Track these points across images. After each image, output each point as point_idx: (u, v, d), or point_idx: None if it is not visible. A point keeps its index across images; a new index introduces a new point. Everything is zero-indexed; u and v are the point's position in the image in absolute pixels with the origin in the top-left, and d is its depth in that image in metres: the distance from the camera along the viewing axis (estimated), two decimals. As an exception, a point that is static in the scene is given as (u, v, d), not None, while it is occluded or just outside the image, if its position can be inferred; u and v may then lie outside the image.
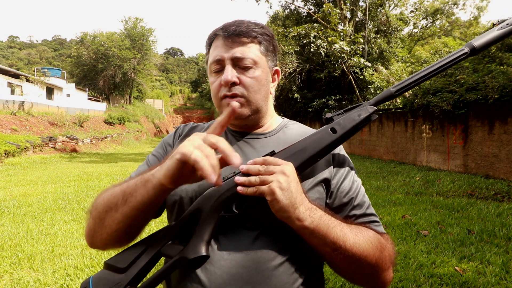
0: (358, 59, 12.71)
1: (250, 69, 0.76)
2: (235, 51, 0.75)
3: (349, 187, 0.78)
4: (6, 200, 5.37)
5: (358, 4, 16.01)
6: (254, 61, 0.76)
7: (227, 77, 0.74)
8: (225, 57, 0.75)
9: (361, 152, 12.29)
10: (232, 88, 0.75)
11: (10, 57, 73.36)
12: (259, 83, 0.77)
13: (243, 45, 0.76)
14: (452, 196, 5.29)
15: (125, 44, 32.42)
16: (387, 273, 0.70)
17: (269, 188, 0.61)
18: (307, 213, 0.63)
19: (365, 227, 0.72)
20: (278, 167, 0.64)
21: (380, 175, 7.40)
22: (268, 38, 0.80)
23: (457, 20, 26.37)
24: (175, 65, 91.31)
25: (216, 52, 0.77)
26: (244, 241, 0.69)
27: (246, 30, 0.76)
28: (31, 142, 12.37)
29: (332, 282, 2.48)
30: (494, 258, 2.85)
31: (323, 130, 0.71)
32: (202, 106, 53.18)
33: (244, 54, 0.75)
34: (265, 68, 0.79)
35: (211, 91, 0.81)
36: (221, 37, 0.77)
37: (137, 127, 27.04)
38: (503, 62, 7.22)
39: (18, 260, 3.01)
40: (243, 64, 0.75)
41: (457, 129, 7.49)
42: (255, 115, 0.80)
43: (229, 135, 0.85)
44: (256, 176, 0.63)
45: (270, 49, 0.81)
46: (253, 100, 0.77)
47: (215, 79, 0.78)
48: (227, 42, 0.76)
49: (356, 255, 0.66)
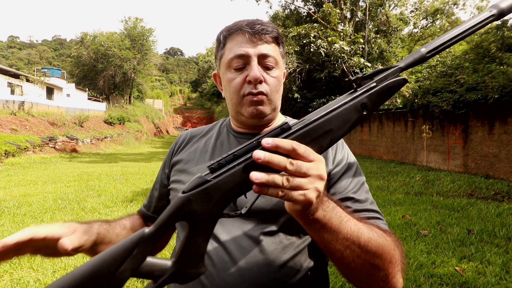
0: (358, 59, 12.70)
1: (272, 68, 0.76)
2: (261, 48, 0.74)
3: (349, 181, 0.74)
4: (6, 200, 5.37)
5: (358, 4, 16.00)
6: (276, 61, 0.77)
7: (257, 74, 0.72)
8: (251, 54, 0.74)
9: (361, 152, 12.29)
10: (258, 86, 0.74)
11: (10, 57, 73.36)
12: (279, 83, 0.79)
13: (268, 43, 0.76)
14: (452, 196, 5.29)
15: (125, 44, 32.41)
16: (398, 275, 0.62)
17: (304, 197, 0.47)
18: (320, 205, 0.53)
19: (374, 225, 0.64)
20: (314, 168, 0.48)
21: (380, 175, 7.40)
22: (283, 41, 0.81)
23: (457, 20, 26.36)
24: (175, 65, 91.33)
25: (239, 47, 0.74)
26: (247, 241, 0.68)
27: (271, 30, 0.76)
28: (31, 142, 12.37)
29: (332, 282, 2.48)
30: (494, 258, 2.85)
31: (352, 104, 0.55)
32: (202, 106, 53.17)
33: (269, 52, 0.75)
34: (282, 69, 0.81)
35: (230, 88, 0.77)
36: (247, 33, 0.74)
37: (137, 127, 27.03)
38: (503, 62, 7.22)
39: (18, 260, 3.00)
40: (267, 63, 0.75)
41: (457, 129, 7.49)
42: (272, 114, 0.80)
43: (230, 136, 0.85)
44: (284, 177, 0.47)
45: (284, 52, 0.83)
46: (274, 99, 0.78)
47: (236, 75, 0.75)
48: (254, 38, 0.74)
49: (371, 253, 0.57)
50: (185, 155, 0.86)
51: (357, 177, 0.76)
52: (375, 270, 0.59)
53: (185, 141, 0.90)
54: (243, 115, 0.78)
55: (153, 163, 11.74)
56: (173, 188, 0.82)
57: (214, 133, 0.89)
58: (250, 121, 0.79)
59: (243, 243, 0.68)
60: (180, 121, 50.47)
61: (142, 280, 2.63)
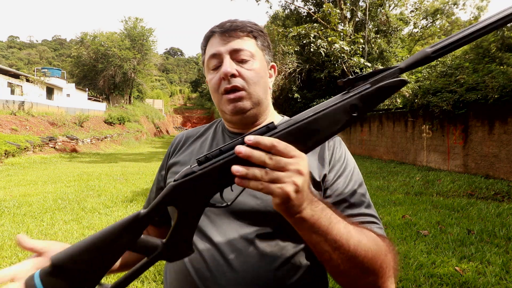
0: (358, 59, 12.70)
1: (248, 61, 0.76)
2: (232, 44, 0.75)
3: (345, 184, 0.73)
4: (6, 200, 5.37)
5: (358, 4, 16.00)
6: (252, 53, 0.77)
7: (226, 69, 0.73)
8: (222, 51, 0.75)
9: (361, 152, 12.29)
10: (232, 80, 0.74)
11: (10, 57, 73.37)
12: (258, 75, 0.77)
13: (240, 38, 0.76)
14: (452, 196, 5.29)
15: (125, 44, 32.42)
16: (390, 281, 0.62)
17: (281, 190, 0.49)
18: (308, 205, 0.54)
19: (366, 229, 0.64)
20: (293, 163, 0.50)
21: (380, 175, 7.40)
22: (262, 34, 0.81)
23: (457, 20, 26.37)
24: (175, 65, 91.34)
25: (213, 48, 0.77)
26: (242, 243, 0.68)
27: (241, 26, 0.77)
28: (31, 142, 12.37)
29: (332, 282, 2.48)
30: (494, 258, 2.85)
31: (340, 105, 0.55)
32: (202, 106, 53.18)
33: (241, 46, 0.76)
34: (262, 61, 0.80)
35: (210, 88, 0.80)
36: (217, 34, 0.77)
37: (137, 127, 27.03)
38: (503, 62, 7.23)
39: (18, 260, 3.00)
40: (240, 56, 0.76)
41: (457, 129, 7.49)
42: (256, 108, 0.79)
43: (226, 137, 0.84)
44: (262, 171, 0.49)
45: (266, 44, 0.82)
46: (254, 92, 0.76)
47: (214, 75, 0.78)
48: (224, 37, 0.76)
49: (360, 257, 0.57)
50: (181, 157, 0.86)
51: (354, 179, 0.75)
52: (364, 274, 0.59)
53: (181, 143, 0.90)
54: (226, 113, 0.79)
55: (153, 163, 11.75)
56: None
57: (210, 134, 0.89)
58: (234, 118, 0.79)
59: (238, 245, 0.68)
60: (180, 121, 50.47)
61: (142, 280, 2.63)
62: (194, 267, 0.69)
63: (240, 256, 0.67)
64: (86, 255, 0.53)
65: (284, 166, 0.49)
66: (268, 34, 0.86)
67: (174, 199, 0.55)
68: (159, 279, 2.65)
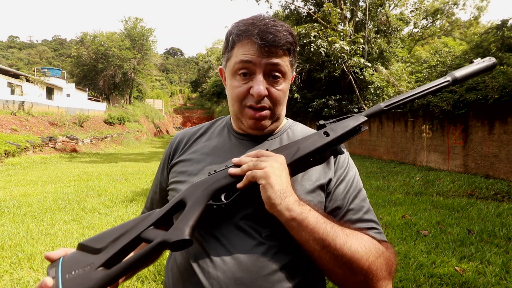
0: (358, 59, 12.70)
1: (279, 80, 0.75)
2: (269, 61, 0.72)
3: (346, 189, 0.75)
4: (6, 200, 5.37)
5: (358, 4, 15.99)
6: (284, 73, 0.75)
7: (260, 91, 0.71)
8: (258, 63, 0.72)
9: (361, 152, 12.29)
10: (262, 101, 0.74)
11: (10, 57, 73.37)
12: (285, 95, 0.78)
13: (278, 57, 0.73)
14: (452, 196, 5.29)
15: (125, 44, 32.41)
16: (383, 283, 0.64)
17: (262, 171, 0.63)
18: (296, 204, 0.63)
19: (360, 232, 0.68)
20: (271, 157, 0.67)
21: (380, 175, 7.40)
22: (296, 47, 0.77)
23: (457, 20, 26.35)
24: (175, 65, 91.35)
25: (247, 55, 0.72)
26: (246, 245, 0.68)
27: (282, 42, 0.72)
28: (31, 142, 12.37)
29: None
30: (494, 258, 2.85)
31: (317, 134, 0.76)
32: (202, 106, 53.16)
33: (277, 65, 0.73)
34: (289, 79, 0.79)
35: (232, 94, 0.76)
36: (256, 44, 0.71)
37: (137, 127, 27.03)
38: (503, 62, 7.21)
39: (18, 260, 3.01)
40: (273, 73, 0.74)
41: (457, 129, 7.49)
42: (273, 124, 0.80)
43: (232, 138, 0.83)
44: (250, 162, 0.66)
45: (295, 59, 0.80)
46: (277, 112, 0.78)
47: (240, 84, 0.74)
48: (263, 50, 0.71)
49: (346, 256, 0.61)
50: (184, 155, 0.85)
51: (354, 185, 0.77)
52: (352, 274, 0.63)
53: (183, 142, 0.88)
54: (243, 124, 0.79)
55: (153, 163, 11.75)
56: (172, 188, 0.81)
57: (214, 133, 0.87)
58: (251, 131, 0.80)
59: (244, 247, 0.68)
60: (180, 121, 50.46)
61: (142, 280, 2.63)
62: (200, 266, 0.69)
63: (245, 257, 0.67)
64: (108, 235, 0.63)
65: (265, 159, 0.67)
66: None
67: (182, 204, 0.67)
68: (159, 279, 2.65)
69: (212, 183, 0.68)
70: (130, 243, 0.62)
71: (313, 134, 0.76)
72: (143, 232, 0.63)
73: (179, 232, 0.60)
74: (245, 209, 0.71)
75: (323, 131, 0.75)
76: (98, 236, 0.63)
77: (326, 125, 0.77)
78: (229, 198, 0.68)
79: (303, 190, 0.72)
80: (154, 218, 0.65)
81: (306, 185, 0.73)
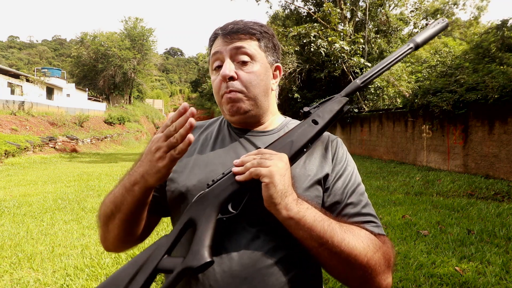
0: (358, 59, 12.70)
1: (247, 63, 0.76)
2: (232, 46, 0.76)
3: (345, 184, 0.76)
4: (6, 200, 5.37)
5: (358, 4, 15.99)
6: (252, 56, 0.77)
7: (225, 71, 0.74)
8: (223, 52, 0.76)
9: (361, 152, 12.29)
10: (230, 83, 0.75)
11: (10, 57, 73.35)
12: (258, 78, 0.77)
13: (241, 40, 0.77)
14: (452, 196, 5.29)
15: (125, 44, 32.42)
16: (382, 277, 0.66)
17: (268, 170, 0.62)
18: (294, 203, 0.63)
19: (358, 227, 0.69)
20: (275, 155, 0.66)
21: (380, 175, 7.40)
22: (267, 35, 0.80)
23: (457, 20, 26.36)
24: (175, 65, 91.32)
25: (216, 47, 0.79)
26: (242, 239, 0.68)
27: (243, 28, 0.77)
28: (31, 142, 12.37)
29: (332, 282, 2.48)
30: (494, 258, 2.85)
31: (305, 123, 0.75)
32: (202, 106, 53.13)
33: (242, 48, 0.76)
34: (264, 63, 0.79)
35: (213, 89, 0.81)
36: (220, 36, 0.78)
37: (137, 127, 27.03)
38: (503, 62, 7.22)
39: (18, 260, 3.01)
40: (240, 58, 0.76)
41: (457, 129, 7.49)
42: (255, 110, 0.79)
43: (231, 132, 0.84)
44: (254, 160, 0.65)
45: (270, 45, 0.81)
46: (252, 95, 0.77)
47: (216, 76, 0.79)
48: (226, 39, 0.77)
49: (344, 253, 0.63)
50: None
51: (353, 180, 0.78)
52: (351, 269, 0.65)
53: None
54: (226, 113, 0.80)
55: (153, 163, 11.73)
56: (170, 186, 0.79)
57: (214, 129, 0.87)
58: (233, 118, 0.80)
59: (239, 241, 0.69)
60: (180, 121, 50.34)
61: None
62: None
63: (240, 252, 0.67)
64: (122, 277, 0.61)
65: (269, 157, 0.65)
66: None
67: (190, 222, 0.66)
68: (159, 279, 2.65)
69: (216, 195, 0.66)
70: (148, 280, 0.60)
71: (301, 124, 0.75)
72: (159, 264, 0.61)
73: (199, 256, 0.59)
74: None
75: (311, 119, 0.75)
76: (112, 280, 0.60)
77: (311, 112, 0.76)
78: (236, 207, 0.67)
79: (302, 186, 0.73)
80: (166, 246, 0.63)
81: (305, 182, 0.73)
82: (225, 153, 0.79)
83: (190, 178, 0.76)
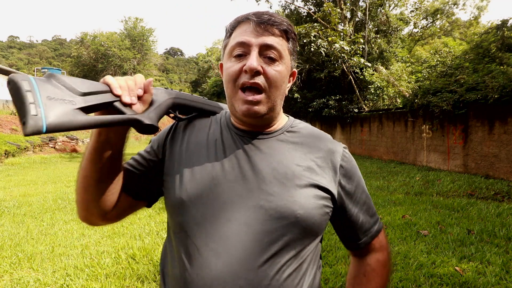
0: (358, 59, 12.70)
1: (275, 61, 0.72)
2: (265, 39, 0.71)
3: (362, 211, 0.82)
4: (6, 200, 5.37)
5: (358, 4, 15.99)
6: (281, 55, 0.73)
7: (253, 63, 0.68)
8: (253, 43, 0.70)
9: (361, 152, 12.29)
10: (255, 77, 0.70)
11: (10, 57, 73.35)
12: (281, 79, 0.73)
13: (274, 36, 0.72)
14: (452, 196, 5.29)
15: (125, 44, 32.46)
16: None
17: None
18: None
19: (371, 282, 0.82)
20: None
21: (380, 175, 7.40)
22: (295, 37, 0.77)
23: (457, 20, 26.37)
24: (175, 65, 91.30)
25: (243, 36, 0.71)
26: (234, 237, 0.67)
27: (279, 22, 0.72)
28: (31, 142, 12.38)
29: (332, 282, 2.48)
30: (494, 258, 2.85)
31: None
32: (202, 106, 53.12)
33: (274, 44, 0.71)
34: (288, 65, 0.76)
35: (226, 76, 0.74)
36: (253, 22, 0.71)
37: (137, 127, 26.99)
38: (503, 62, 7.22)
39: (18, 260, 3.01)
40: (270, 54, 0.71)
41: (457, 129, 7.49)
42: (269, 114, 0.75)
43: (233, 134, 0.79)
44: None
45: (295, 49, 0.78)
46: (272, 97, 0.73)
47: (234, 63, 0.72)
48: (259, 28, 0.71)
49: None
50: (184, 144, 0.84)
51: (368, 201, 0.84)
52: None
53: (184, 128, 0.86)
54: (237, 111, 0.74)
55: (153, 163, 11.73)
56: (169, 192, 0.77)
57: (212, 124, 0.84)
58: (245, 119, 0.75)
59: (232, 239, 0.67)
60: (180, 121, 50.37)
61: (142, 280, 2.63)
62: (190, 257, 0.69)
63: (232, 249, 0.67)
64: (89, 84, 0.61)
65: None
66: None
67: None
68: (159, 279, 2.65)
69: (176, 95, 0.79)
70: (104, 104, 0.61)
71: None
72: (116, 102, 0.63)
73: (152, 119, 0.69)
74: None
75: None
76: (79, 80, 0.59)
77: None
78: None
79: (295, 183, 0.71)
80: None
81: (301, 179, 0.72)
82: (227, 161, 0.75)
83: (190, 186, 0.73)
